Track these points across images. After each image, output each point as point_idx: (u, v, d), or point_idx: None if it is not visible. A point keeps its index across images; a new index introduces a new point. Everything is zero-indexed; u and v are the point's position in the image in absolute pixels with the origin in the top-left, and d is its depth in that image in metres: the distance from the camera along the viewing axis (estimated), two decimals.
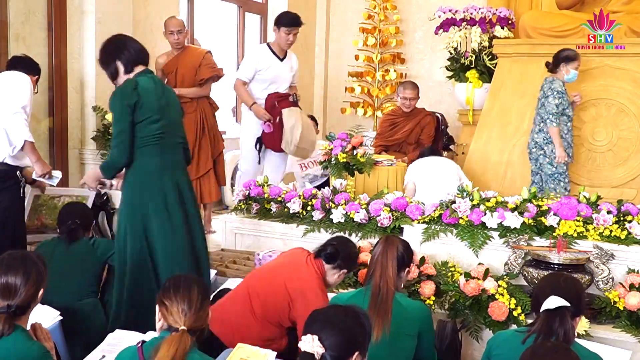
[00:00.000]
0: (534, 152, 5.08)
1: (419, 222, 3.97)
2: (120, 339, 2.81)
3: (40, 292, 2.36)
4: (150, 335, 2.46)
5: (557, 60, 5.04)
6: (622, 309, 3.25)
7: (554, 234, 3.65)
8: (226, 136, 7.18)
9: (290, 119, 4.99)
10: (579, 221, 3.68)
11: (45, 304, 3.01)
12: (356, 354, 1.97)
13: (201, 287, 2.24)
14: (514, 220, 3.70)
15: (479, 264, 3.63)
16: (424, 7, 7.65)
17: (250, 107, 5.07)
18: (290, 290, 2.93)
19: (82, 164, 5.13)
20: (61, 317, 3.09)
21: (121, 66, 3.21)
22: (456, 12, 6.37)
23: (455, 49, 6.49)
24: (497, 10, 6.23)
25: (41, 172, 3.72)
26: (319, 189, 4.44)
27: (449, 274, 3.62)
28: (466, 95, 6.47)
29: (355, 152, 4.92)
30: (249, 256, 4.20)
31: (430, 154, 4.97)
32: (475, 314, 3.36)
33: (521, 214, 3.73)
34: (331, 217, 4.13)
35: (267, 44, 5.27)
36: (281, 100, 5.08)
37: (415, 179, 4.66)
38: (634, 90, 5.41)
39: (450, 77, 6.77)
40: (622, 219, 3.70)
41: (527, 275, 3.52)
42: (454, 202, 3.91)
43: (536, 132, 5.06)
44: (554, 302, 2.34)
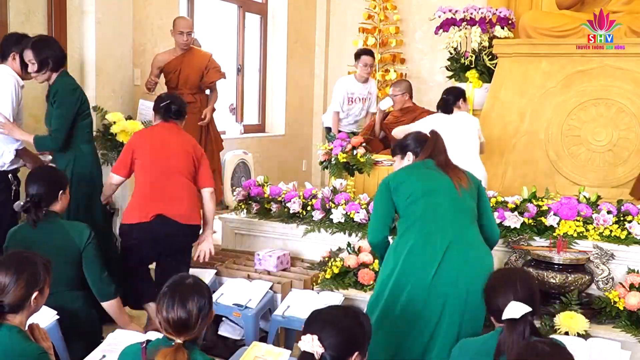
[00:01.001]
0: None
1: None
2: (120, 339, 2.81)
3: (34, 294, 2.35)
4: (154, 335, 2.47)
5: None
6: (622, 309, 3.25)
7: (554, 234, 3.65)
8: (225, 136, 7.20)
9: None
10: (579, 221, 3.68)
11: None
12: (356, 354, 1.97)
13: (200, 296, 2.14)
14: (514, 220, 3.70)
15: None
16: (424, 7, 7.65)
17: None
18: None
19: None
20: (58, 317, 3.09)
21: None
22: (456, 12, 6.36)
23: (455, 49, 6.49)
24: (497, 10, 6.23)
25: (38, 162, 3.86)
26: None
27: None
28: (466, 95, 6.46)
29: (355, 152, 4.92)
30: (248, 256, 4.20)
31: (445, 109, 4.64)
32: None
33: (521, 214, 3.73)
34: (331, 217, 4.13)
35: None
36: None
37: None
38: (634, 90, 5.41)
39: (450, 77, 6.76)
40: (622, 219, 3.70)
41: None
42: None
43: None
44: (517, 310, 2.24)
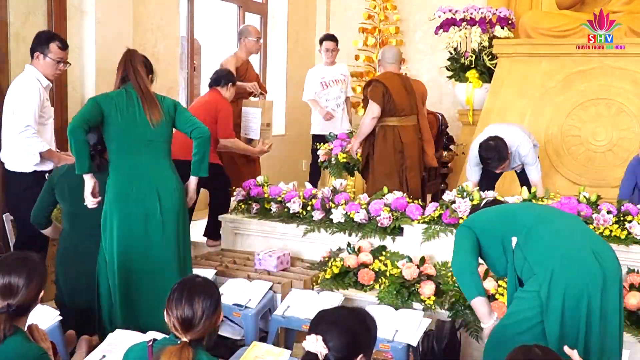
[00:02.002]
0: None
1: (419, 222, 3.97)
2: (120, 339, 2.81)
3: (41, 293, 2.36)
4: (159, 334, 2.48)
5: None
6: None
7: None
8: None
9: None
10: None
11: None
12: (360, 356, 1.95)
13: (207, 295, 2.18)
14: None
15: (479, 264, 3.63)
16: (424, 7, 7.65)
17: None
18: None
19: None
20: (60, 317, 3.09)
21: None
22: (456, 12, 6.37)
23: (455, 49, 6.49)
24: (497, 10, 6.23)
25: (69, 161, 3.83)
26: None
27: (449, 274, 3.62)
28: (466, 95, 6.47)
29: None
30: (248, 256, 4.20)
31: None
32: (475, 314, 3.36)
33: None
34: (331, 217, 4.13)
35: None
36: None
37: None
38: (634, 90, 5.41)
39: (450, 77, 6.77)
40: (622, 219, 3.70)
41: None
42: (454, 202, 3.91)
43: None
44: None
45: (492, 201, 3.22)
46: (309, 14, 8.15)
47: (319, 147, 5.47)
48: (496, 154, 4.43)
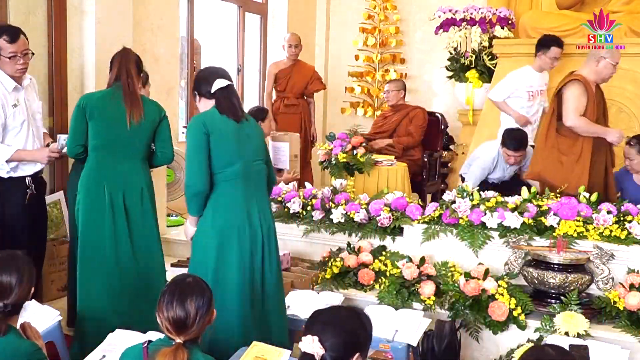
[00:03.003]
0: None
1: (419, 222, 3.97)
2: (120, 339, 2.81)
3: (32, 290, 2.36)
4: (156, 335, 2.47)
5: None
6: (622, 309, 3.26)
7: (554, 234, 3.65)
8: None
9: None
10: (579, 221, 3.68)
11: None
12: (357, 355, 1.95)
13: (199, 295, 2.16)
14: (514, 220, 3.70)
15: (479, 264, 3.63)
16: (424, 7, 7.64)
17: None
18: None
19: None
20: (60, 317, 3.10)
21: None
22: (456, 12, 6.37)
23: (455, 49, 6.49)
24: (497, 10, 6.23)
25: (44, 160, 3.67)
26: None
27: (449, 274, 3.62)
28: (466, 95, 6.47)
29: (355, 152, 4.93)
30: None
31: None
32: (475, 314, 3.37)
33: (521, 214, 3.73)
34: (331, 217, 4.13)
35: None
36: None
37: None
38: (634, 90, 5.41)
39: (450, 77, 6.76)
40: (622, 219, 3.70)
41: (527, 275, 3.52)
42: (454, 202, 3.91)
43: None
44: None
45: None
46: (309, 14, 8.14)
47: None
48: (524, 138, 4.82)
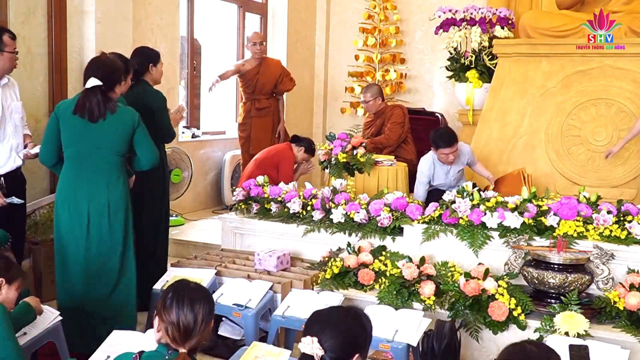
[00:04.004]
0: None
1: (419, 222, 3.97)
2: (120, 339, 2.82)
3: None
4: (147, 339, 2.45)
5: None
6: (622, 309, 3.25)
7: (554, 234, 3.65)
8: (226, 136, 7.20)
9: None
10: (579, 221, 3.68)
11: None
12: (356, 356, 1.95)
13: (206, 301, 2.10)
14: (514, 220, 3.70)
15: (479, 264, 3.63)
16: (424, 7, 7.65)
17: None
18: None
19: None
20: (61, 317, 3.10)
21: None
22: (456, 12, 6.37)
23: (455, 49, 6.49)
24: (497, 10, 6.23)
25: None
26: None
27: (449, 274, 3.62)
28: (466, 95, 6.47)
29: (355, 152, 4.92)
30: (248, 256, 4.20)
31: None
32: (475, 314, 3.37)
33: (521, 214, 3.73)
34: (331, 217, 4.13)
35: None
36: None
37: None
38: (634, 90, 5.41)
39: (450, 77, 6.77)
40: (622, 219, 3.70)
41: (527, 275, 3.52)
42: (454, 202, 3.91)
43: None
44: None
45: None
46: (309, 14, 8.15)
47: None
48: (453, 134, 4.82)
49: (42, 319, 3.02)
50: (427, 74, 7.76)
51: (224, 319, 3.73)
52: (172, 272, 3.90)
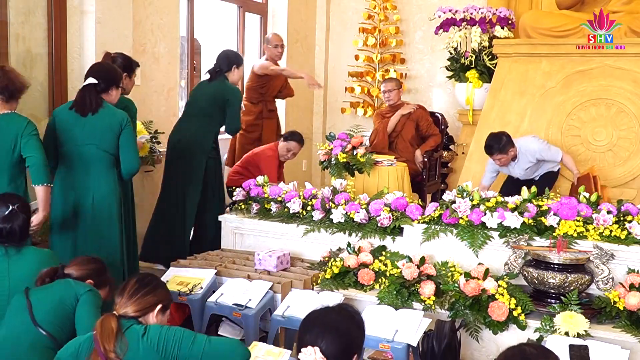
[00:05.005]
0: None
1: (419, 222, 3.97)
2: None
3: None
4: None
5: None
6: (622, 309, 3.26)
7: (554, 234, 3.65)
8: (226, 136, 7.18)
9: None
10: (579, 221, 3.68)
11: None
12: (355, 356, 1.95)
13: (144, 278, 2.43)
14: (514, 220, 3.70)
15: (479, 264, 3.63)
16: (424, 7, 7.65)
17: None
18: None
19: None
20: None
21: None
22: (456, 12, 6.37)
23: (455, 49, 6.49)
24: (497, 10, 6.23)
25: None
26: None
27: (449, 274, 3.62)
28: (466, 95, 6.47)
29: (355, 152, 4.92)
30: (248, 256, 4.20)
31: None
32: (475, 314, 3.37)
33: (521, 214, 3.73)
34: (331, 217, 4.13)
35: None
36: None
37: None
38: (634, 90, 5.41)
39: (450, 77, 6.77)
40: (622, 219, 3.70)
41: (527, 275, 3.52)
42: (454, 202, 3.91)
43: None
44: None
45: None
46: (309, 14, 8.14)
47: None
48: (496, 143, 4.80)
49: None
50: (427, 74, 7.75)
51: (224, 319, 3.73)
52: (172, 272, 3.90)
